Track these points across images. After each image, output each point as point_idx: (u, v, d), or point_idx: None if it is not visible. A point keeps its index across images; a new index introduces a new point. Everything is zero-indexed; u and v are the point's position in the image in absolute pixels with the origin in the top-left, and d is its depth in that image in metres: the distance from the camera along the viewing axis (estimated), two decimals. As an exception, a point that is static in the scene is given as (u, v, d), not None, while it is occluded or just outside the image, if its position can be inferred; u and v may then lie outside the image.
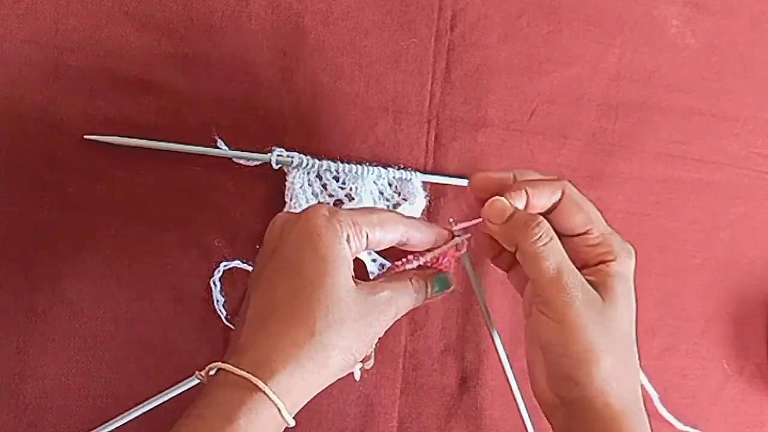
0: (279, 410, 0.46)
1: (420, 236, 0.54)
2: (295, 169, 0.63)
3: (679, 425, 0.72)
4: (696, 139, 0.75)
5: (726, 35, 0.77)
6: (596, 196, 0.72)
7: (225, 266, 0.64)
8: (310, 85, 0.66)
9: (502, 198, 0.54)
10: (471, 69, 0.70)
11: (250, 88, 0.65)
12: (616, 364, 0.52)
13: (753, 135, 0.77)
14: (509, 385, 0.65)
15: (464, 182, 0.68)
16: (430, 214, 0.68)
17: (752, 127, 0.77)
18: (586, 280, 0.53)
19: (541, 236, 0.52)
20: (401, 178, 0.66)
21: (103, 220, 0.62)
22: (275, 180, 0.64)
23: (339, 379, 0.65)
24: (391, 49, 0.68)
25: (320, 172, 0.64)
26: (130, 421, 0.59)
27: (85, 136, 0.61)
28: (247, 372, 0.46)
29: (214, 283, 0.64)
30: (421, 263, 0.55)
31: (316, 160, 0.64)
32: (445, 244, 0.55)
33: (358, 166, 0.64)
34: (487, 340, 0.68)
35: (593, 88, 0.73)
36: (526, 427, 0.65)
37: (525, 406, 0.65)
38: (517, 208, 0.54)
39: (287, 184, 0.63)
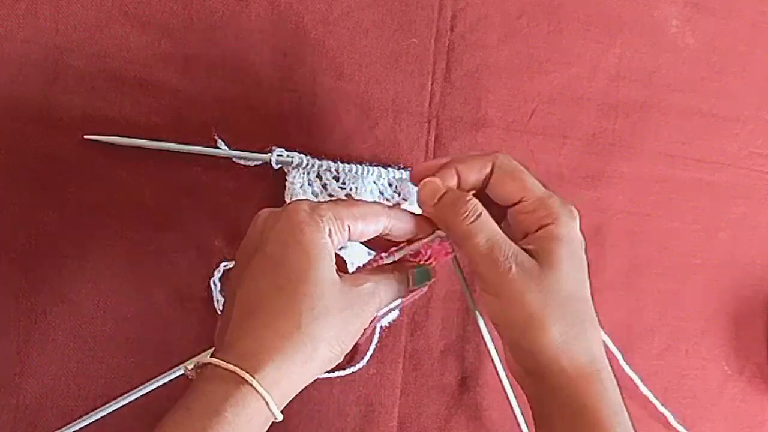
0: (267, 403, 0.46)
1: (402, 226, 0.54)
2: (295, 169, 0.63)
3: (670, 416, 0.72)
4: (696, 139, 0.75)
5: (726, 35, 0.77)
6: (596, 196, 0.72)
7: (225, 266, 0.63)
8: (310, 85, 0.66)
9: (434, 178, 0.54)
10: (471, 69, 0.70)
11: (250, 88, 0.65)
12: (564, 329, 0.52)
13: (753, 135, 0.77)
14: (502, 385, 0.65)
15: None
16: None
17: (752, 127, 0.77)
18: (527, 248, 0.53)
19: (468, 214, 0.52)
20: (401, 178, 0.66)
21: (103, 220, 0.62)
22: (275, 180, 0.64)
23: (339, 379, 0.66)
24: (391, 49, 0.68)
25: (320, 172, 0.64)
26: (117, 409, 0.59)
27: (85, 136, 0.61)
28: (234, 365, 0.46)
29: (214, 283, 0.64)
30: (402, 256, 0.54)
31: (316, 160, 0.64)
32: (427, 236, 0.55)
33: (358, 166, 0.64)
34: (487, 340, 0.68)
35: (593, 88, 0.73)
36: (526, 428, 0.65)
37: (519, 407, 0.65)
38: (449, 188, 0.54)
39: (287, 184, 0.63)
